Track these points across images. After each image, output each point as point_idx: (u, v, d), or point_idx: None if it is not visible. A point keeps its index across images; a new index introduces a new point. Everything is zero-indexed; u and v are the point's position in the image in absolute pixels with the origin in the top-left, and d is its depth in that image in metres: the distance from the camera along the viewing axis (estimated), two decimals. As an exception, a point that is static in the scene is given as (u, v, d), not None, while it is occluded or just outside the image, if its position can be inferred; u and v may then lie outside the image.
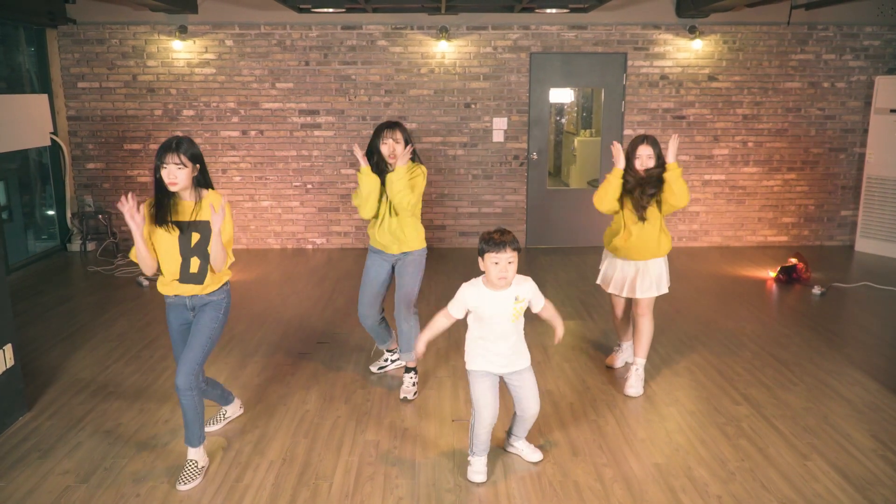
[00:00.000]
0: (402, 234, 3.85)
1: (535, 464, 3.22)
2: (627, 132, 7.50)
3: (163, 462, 3.26)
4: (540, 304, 3.06)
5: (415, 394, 3.94)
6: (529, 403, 3.07)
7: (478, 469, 3.10)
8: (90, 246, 7.51)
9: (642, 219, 3.79)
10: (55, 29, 7.14)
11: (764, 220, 7.75)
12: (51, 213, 7.49)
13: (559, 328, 3.14)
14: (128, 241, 7.63)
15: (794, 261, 6.33)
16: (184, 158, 2.90)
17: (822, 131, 7.56)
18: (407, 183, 3.72)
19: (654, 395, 3.97)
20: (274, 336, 4.92)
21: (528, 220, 7.72)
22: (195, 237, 3.01)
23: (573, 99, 9.83)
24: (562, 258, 7.26)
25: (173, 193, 2.98)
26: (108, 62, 7.26)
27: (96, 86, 7.32)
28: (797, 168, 7.64)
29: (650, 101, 7.46)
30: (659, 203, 3.80)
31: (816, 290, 5.89)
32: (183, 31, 7.11)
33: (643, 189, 3.76)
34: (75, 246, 7.50)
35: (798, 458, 3.28)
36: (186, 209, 3.01)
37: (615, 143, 3.86)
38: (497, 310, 2.92)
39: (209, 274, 3.06)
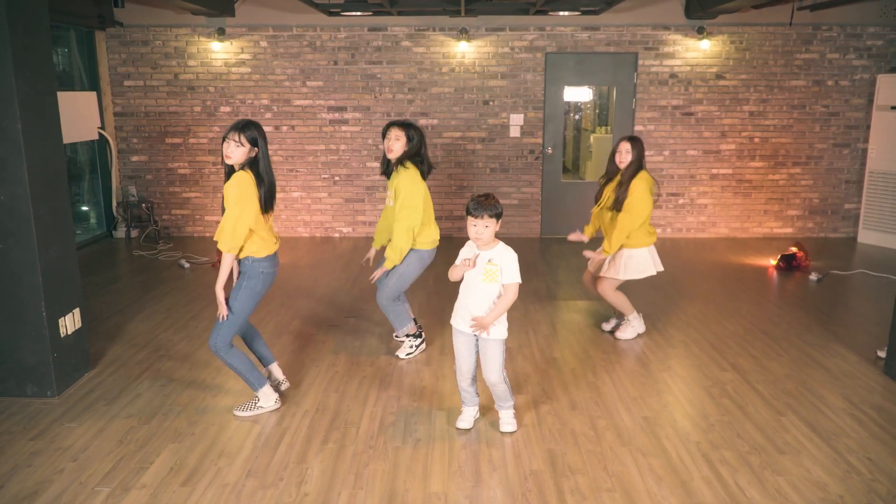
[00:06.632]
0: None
1: (508, 434, 3.48)
2: (638, 128, 7.88)
3: (213, 411, 3.74)
4: (511, 279, 3.22)
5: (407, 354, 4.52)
6: (486, 370, 3.38)
7: (464, 418, 3.55)
8: (133, 233, 8.07)
9: (610, 209, 4.60)
10: (103, 31, 7.71)
11: (770, 212, 8.08)
12: (96, 202, 8.06)
13: (487, 316, 3.25)
14: (168, 230, 8.19)
15: (794, 249, 6.67)
16: (243, 139, 3.36)
17: (826, 127, 7.87)
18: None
19: (648, 363, 4.38)
20: (306, 311, 5.40)
21: (543, 211, 8.14)
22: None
23: (591, 98, 10.19)
24: (574, 247, 7.65)
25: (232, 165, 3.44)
26: (152, 62, 7.82)
27: (141, 84, 7.88)
28: (802, 163, 7.96)
29: (660, 98, 7.83)
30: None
31: (813, 277, 6.23)
32: (221, 33, 7.64)
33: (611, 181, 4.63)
34: (120, 233, 8.07)
35: (773, 415, 3.67)
36: None
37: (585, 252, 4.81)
38: (475, 268, 3.28)
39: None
